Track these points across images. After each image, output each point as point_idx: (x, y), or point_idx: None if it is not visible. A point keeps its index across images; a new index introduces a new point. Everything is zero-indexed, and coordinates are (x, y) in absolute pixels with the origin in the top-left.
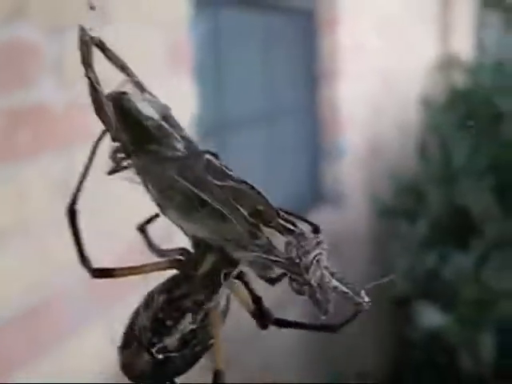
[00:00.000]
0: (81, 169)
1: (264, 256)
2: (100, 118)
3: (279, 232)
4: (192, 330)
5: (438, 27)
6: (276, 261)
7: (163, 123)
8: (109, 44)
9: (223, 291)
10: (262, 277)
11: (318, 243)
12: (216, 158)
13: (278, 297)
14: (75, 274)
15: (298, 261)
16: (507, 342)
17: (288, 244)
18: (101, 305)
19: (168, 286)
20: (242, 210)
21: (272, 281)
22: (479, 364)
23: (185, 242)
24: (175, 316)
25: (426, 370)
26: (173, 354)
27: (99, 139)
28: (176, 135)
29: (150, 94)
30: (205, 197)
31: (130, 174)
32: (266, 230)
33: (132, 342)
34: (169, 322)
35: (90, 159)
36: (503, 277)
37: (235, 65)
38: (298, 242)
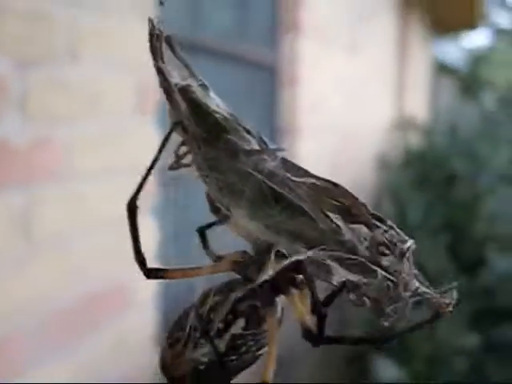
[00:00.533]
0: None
1: (345, 256)
2: (172, 106)
3: (368, 227)
4: (243, 336)
5: (394, 89)
6: (357, 256)
7: (231, 117)
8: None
9: (280, 299)
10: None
11: (408, 240)
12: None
13: None
14: (33, 311)
15: (382, 257)
16: None
17: (373, 239)
18: (58, 343)
19: (225, 288)
20: (325, 207)
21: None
22: None
23: None
24: (228, 319)
25: None
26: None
27: (170, 132)
28: (246, 130)
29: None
30: (283, 192)
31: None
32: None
33: (178, 341)
34: (220, 325)
35: (158, 153)
36: (457, 333)
37: None
38: (388, 239)
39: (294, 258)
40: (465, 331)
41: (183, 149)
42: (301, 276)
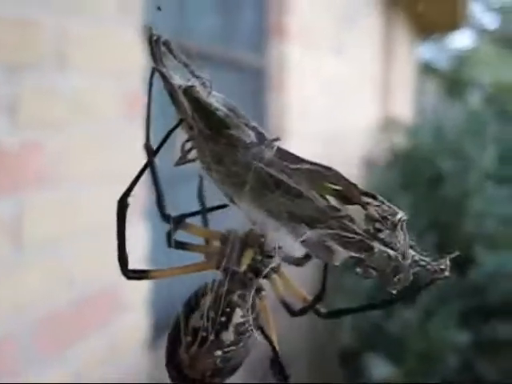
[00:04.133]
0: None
1: (340, 233)
2: (176, 106)
3: (361, 206)
4: (243, 323)
5: (380, 90)
6: (355, 233)
7: (231, 114)
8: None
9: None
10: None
11: (399, 213)
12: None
13: None
14: (24, 317)
15: (378, 233)
16: None
17: (368, 216)
18: (49, 347)
19: (212, 286)
20: (320, 190)
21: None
22: None
23: None
24: (227, 311)
25: None
26: (232, 348)
27: (175, 127)
28: (245, 124)
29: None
30: (280, 178)
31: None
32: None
33: (193, 344)
34: (223, 318)
35: (160, 146)
36: (448, 331)
37: None
38: (379, 213)
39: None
40: (455, 329)
41: (188, 145)
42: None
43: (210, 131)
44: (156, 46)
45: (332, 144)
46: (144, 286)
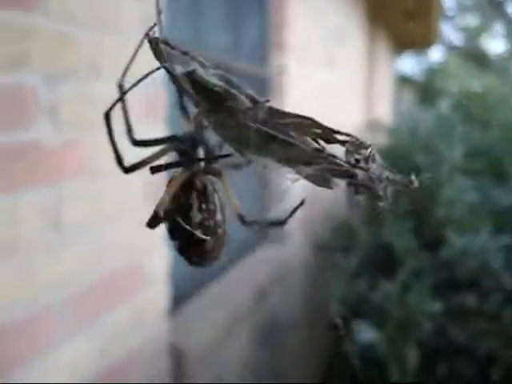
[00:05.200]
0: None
1: (329, 167)
2: (183, 91)
3: (339, 144)
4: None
5: (364, 98)
6: (340, 165)
7: (227, 87)
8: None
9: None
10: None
11: (369, 145)
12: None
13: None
14: (61, 291)
15: (357, 162)
16: (428, 355)
17: (347, 151)
18: (82, 322)
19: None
20: (308, 135)
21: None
22: (405, 374)
23: None
24: (196, 196)
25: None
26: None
27: (149, 73)
28: (240, 93)
29: (209, 67)
30: (273, 133)
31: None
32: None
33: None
34: (212, 206)
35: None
36: (423, 301)
37: None
38: (355, 148)
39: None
40: (430, 299)
41: (199, 118)
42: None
43: (212, 105)
44: (157, 46)
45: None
46: (164, 261)
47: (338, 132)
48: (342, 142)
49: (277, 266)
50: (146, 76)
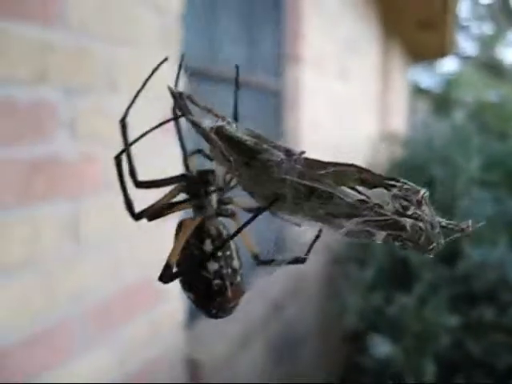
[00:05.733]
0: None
1: (374, 218)
2: (211, 145)
3: (386, 189)
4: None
5: (379, 109)
6: (387, 217)
7: (258, 140)
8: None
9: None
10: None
11: (420, 190)
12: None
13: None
14: (80, 303)
15: (406, 210)
16: (445, 369)
17: (394, 197)
18: (100, 334)
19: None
20: (348, 184)
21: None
22: None
23: None
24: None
25: None
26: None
27: (159, 125)
28: (272, 146)
29: (232, 123)
30: (312, 185)
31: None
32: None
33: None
34: (228, 252)
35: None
36: (440, 315)
37: None
38: (403, 193)
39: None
40: (447, 312)
41: (228, 176)
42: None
43: (245, 159)
44: (181, 99)
45: (339, 153)
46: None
47: (384, 177)
48: (388, 187)
49: (291, 278)
50: (162, 124)
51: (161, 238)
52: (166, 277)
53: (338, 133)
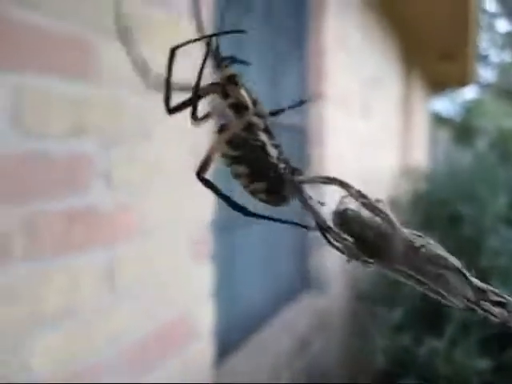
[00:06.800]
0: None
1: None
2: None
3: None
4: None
5: (400, 140)
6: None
7: (382, 228)
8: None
9: None
10: None
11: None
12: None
13: None
14: (114, 347)
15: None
16: None
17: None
18: (134, 374)
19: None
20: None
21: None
22: None
23: None
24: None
25: None
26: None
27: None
28: (396, 234)
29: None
30: (426, 282)
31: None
32: None
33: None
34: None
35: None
36: (470, 357)
37: None
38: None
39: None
40: (477, 355)
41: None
42: None
43: (367, 246)
44: (298, 186)
45: (362, 187)
46: (210, 314)
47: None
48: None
49: (317, 314)
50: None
51: (191, 277)
52: (202, 171)
53: (361, 167)
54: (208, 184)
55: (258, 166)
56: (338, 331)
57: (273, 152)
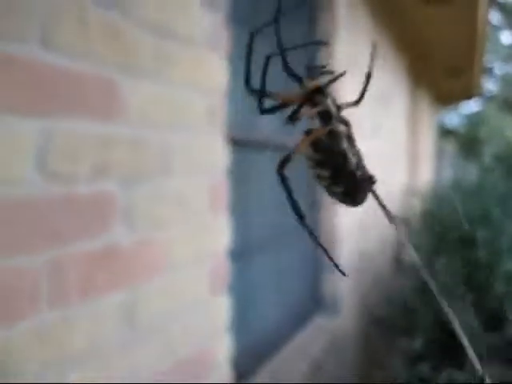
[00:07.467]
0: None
1: None
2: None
3: None
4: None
5: (408, 157)
6: None
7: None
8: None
9: None
10: None
11: None
12: None
13: None
14: (136, 380)
15: None
16: None
17: None
18: None
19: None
20: None
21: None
22: None
23: None
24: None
25: None
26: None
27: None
28: None
29: None
30: None
31: None
32: None
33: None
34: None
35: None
36: None
37: (257, 198)
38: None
39: None
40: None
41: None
42: None
43: None
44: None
45: (371, 206)
46: (227, 345)
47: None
48: None
49: (330, 337)
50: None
51: (209, 310)
52: (282, 168)
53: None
54: (283, 181)
55: (339, 170)
56: (351, 353)
57: (352, 159)
